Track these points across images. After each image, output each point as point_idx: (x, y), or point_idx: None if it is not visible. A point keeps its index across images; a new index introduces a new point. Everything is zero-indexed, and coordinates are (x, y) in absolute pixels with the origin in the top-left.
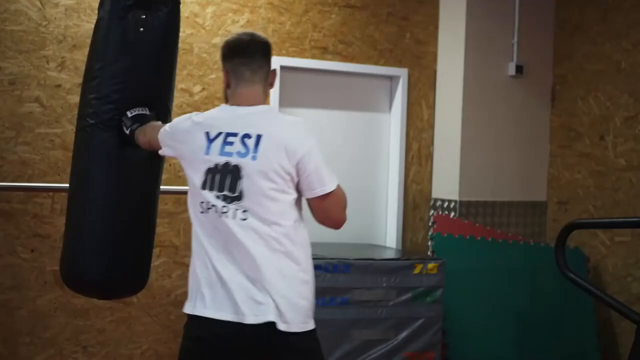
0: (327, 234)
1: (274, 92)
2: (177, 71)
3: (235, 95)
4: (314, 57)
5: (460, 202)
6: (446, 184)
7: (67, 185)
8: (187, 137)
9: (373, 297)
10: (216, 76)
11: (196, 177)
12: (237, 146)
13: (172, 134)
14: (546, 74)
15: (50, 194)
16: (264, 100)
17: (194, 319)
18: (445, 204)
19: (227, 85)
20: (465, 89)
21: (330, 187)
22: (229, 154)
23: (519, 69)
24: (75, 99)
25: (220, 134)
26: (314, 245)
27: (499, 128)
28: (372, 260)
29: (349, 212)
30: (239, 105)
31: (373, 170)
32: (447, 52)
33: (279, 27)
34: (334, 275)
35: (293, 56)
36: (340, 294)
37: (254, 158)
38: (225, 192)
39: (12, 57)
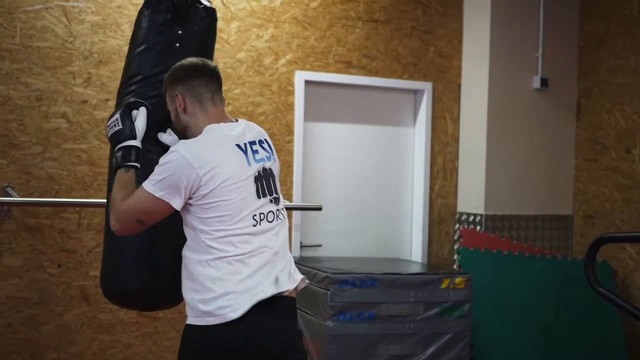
0: (353, 249)
1: (299, 106)
2: None
3: (210, 116)
4: (338, 71)
5: (486, 215)
6: (471, 197)
7: (94, 200)
8: (219, 152)
9: (400, 312)
10: (240, 91)
11: (247, 189)
12: (262, 152)
13: (202, 162)
14: (571, 87)
15: (77, 209)
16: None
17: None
18: (471, 218)
19: (184, 110)
20: (490, 103)
21: None
22: (262, 160)
23: (544, 82)
24: (102, 114)
25: (246, 144)
26: (339, 259)
27: (524, 141)
28: (399, 274)
29: (374, 226)
30: (225, 122)
31: (398, 184)
32: (472, 66)
33: (303, 41)
34: (360, 289)
35: (317, 71)
36: (367, 309)
37: (274, 160)
38: (274, 195)
39: (39, 73)
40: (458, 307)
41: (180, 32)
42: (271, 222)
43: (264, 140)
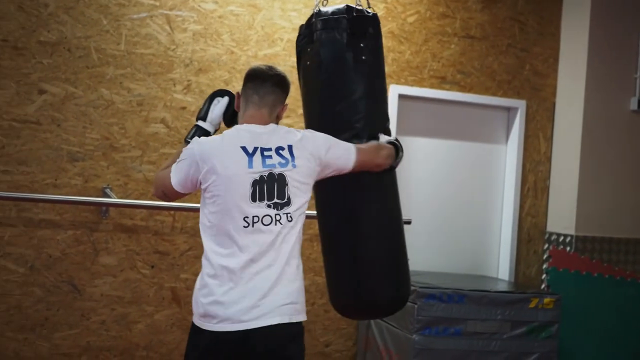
0: (440, 264)
1: (392, 119)
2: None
3: (245, 117)
4: (432, 86)
5: (577, 237)
6: (562, 218)
7: (188, 204)
8: (222, 151)
9: (487, 329)
10: None
11: (242, 190)
12: (276, 158)
13: (201, 154)
14: None
15: (172, 212)
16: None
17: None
18: (561, 239)
19: (237, 108)
20: (585, 123)
21: (353, 145)
22: (272, 166)
23: None
24: None
25: (256, 148)
26: (425, 274)
27: (619, 163)
28: (487, 292)
29: (462, 242)
30: (252, 124)
31: (488, 201)
32: (567, 85)
33: (398, 56)
34: (448, 305)
35: (412, 85)
36: (454, 324)
37: (294, 166)
38: (276, 200)
39: (141, 79)
40: (546, 328)
41: (362, 44)
42: (267, 225)
43: (285, 147)
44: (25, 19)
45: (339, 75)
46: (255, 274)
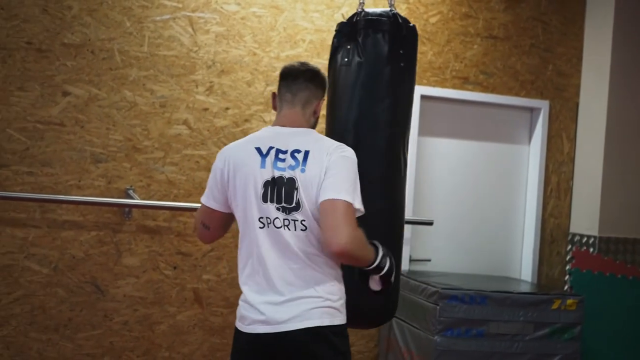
0: (462, 265)
1: (413, 121)
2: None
3: (279, 116)
4: (454, 87)
5: (600, 238)
6: (585, 219)
7: None
8: (238, 153)
9: (509, 331)
10: None
11: (255, 190)
12: (289, 161)
13: (222, 161)
14: None
15: (194, 213)
16: (306, 123)
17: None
18: (584, 240)
19: (274, 108)
20: (609, 123)
21: (345, 197)
22: (282, 169)
23: None
24: (222, 122)
25: (271, 148)
26: (449, 275)
27: None
28: (509, 293)
29: (484, 243)
30: (282, 125)
31: (510, 202)
32: (591, 85)
33: (420, 56)
34: (470, 306)
35: (434, 86)
36: (476, 326)
37: (302, 171)
38: (284, 204)
39: (164, 80)
40: (568, 329)
41: (402, 52)
42: (279, 228)
43: (301, 150)
44: (49, 22)
45: (377, 77)
46: (277, 277)
